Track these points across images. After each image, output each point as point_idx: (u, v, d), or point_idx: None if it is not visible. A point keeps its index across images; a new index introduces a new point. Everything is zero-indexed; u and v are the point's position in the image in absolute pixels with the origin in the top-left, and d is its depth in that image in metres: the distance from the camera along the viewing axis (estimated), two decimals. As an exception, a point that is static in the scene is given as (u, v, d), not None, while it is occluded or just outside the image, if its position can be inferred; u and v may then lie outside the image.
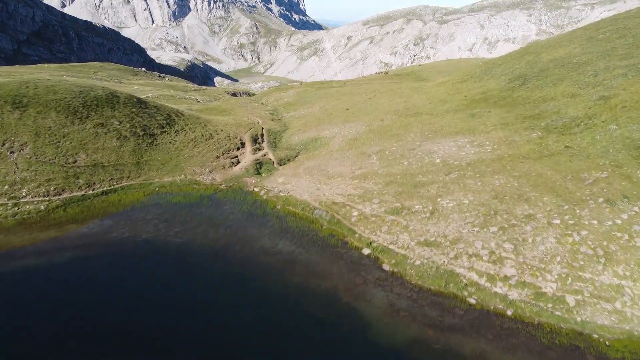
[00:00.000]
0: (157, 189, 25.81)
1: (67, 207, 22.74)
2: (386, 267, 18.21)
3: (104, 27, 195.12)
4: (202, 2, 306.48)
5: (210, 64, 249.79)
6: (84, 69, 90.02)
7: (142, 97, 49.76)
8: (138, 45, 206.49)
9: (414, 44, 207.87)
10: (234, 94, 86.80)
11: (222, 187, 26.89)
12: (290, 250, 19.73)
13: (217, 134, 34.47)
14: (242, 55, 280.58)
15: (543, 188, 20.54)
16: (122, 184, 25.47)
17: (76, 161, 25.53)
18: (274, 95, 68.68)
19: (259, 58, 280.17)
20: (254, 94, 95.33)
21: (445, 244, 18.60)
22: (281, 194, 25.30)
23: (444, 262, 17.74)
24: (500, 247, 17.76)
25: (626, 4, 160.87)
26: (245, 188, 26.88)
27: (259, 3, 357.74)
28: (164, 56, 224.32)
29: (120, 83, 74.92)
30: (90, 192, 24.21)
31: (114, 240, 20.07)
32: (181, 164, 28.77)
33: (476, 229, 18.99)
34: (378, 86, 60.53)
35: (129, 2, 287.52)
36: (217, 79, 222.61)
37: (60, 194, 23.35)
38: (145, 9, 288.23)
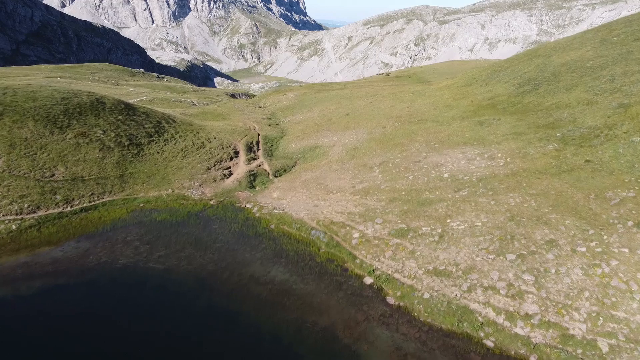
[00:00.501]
0: (141, 204, 23.82)
1: (41, 227, 20.78)
2: (391, 300, 16.24)
3: (103, 27, 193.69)
4: (202, 2, 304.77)
5: (210, 64, 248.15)
6: (81, 70, 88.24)
7: (135, 100, 47.86)
8: (138, 45, 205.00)
9: (415, 44, 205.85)
10: (233, 95, 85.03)
11: (212, 202, 24.85)
12: (284, 278, 17.75)
13: (210, 142, 32.47)
14: (242, 56, 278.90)
15: (564, 209, 18.54)
16: (103, 200, 23.50)
17: (54, 175, 23.56)
18: (272, 98, 66.69)
19: (259, 58, 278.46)
20: (254, 95, 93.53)
21: (457, 273, 16.61)
22: (275, 211, 23.27)
23: (456, 295, 15.75)
24: (520, 278, 15.76)
25: (627, 4, 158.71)
26: (237, 204, 24.84)
27: (259, 3, 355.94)
28: (164, 56, 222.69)
29: (117, 84, 73.10)
30: (68, 209, 22.25)
31: (89, 267, 18.12)
32: (169, 177, 26.75)
33: (491, 256, 17.00)
34: (379, 89, 58.49)
35: (129, 2, 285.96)
36: (217, 79, 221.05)
37: (34, 212, 21.40)
38: (145, 9, 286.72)
